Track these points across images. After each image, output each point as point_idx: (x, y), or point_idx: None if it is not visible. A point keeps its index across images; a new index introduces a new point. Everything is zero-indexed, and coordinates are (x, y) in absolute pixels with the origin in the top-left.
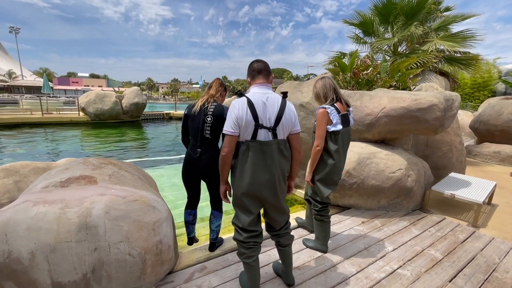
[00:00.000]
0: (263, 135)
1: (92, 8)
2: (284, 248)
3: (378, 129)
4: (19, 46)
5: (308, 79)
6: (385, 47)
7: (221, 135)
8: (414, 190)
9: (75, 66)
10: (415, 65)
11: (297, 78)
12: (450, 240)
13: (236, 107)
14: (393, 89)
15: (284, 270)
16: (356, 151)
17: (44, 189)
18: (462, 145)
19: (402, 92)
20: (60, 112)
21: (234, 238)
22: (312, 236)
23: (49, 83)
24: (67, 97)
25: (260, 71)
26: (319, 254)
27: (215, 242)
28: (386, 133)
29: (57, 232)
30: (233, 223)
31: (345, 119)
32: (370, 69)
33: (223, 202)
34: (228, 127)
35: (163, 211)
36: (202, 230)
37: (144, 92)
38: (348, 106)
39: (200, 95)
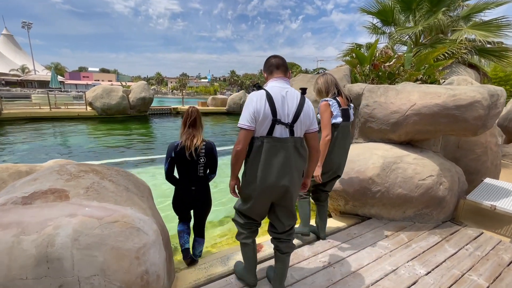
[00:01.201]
0: (279, 131)
1: (103, 2)
2: (282, 255)
3: (405, 129)
4: (32, 41)
5: (318, 73)
6: (406, 37)
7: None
8: (447, 199)
9: (86, 60)
10: (442, 57)
11: (306, 72)
12: (494, 261)
13: (254, 100)
14: (419, 83)
15: (275, 278)
16: (380, 154)
17: (0, 207)
18: (498, 147)
19: (436, 86)
20: (68, 107)
21: (234, 220)
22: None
23: (61, 77)
24: (77, 91)
25: (278, 66)
26: (338, 278)
27: (196, 260)
28: (415, 134)
29: (9, 268)
30: (235, 208)
31: (345, 113)
32: (393, 60)
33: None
34: (244, 121)
35: (150, 233)
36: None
37: (153, 87)
38: (350, 101)
39: (208, 89)
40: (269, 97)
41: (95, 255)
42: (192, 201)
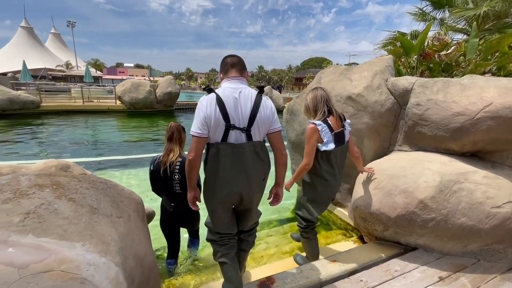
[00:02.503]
0: (235, 137)
1: (140, 1)
2: (241, 251)
3: (473, 138)
4: (78, 39)
5: (351, 65)
6: (462, 23)
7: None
8: None
9: (123, 56)
10: None
11: None
12: None
13: (204, 105)
14: (489, 76)
15: None
16: (436, 169)
17: None
18: None
19: None
20: (100, 101)
21: (207, 239)
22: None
23: (99, 72)
24: (113, 86)
25: (233, 65)
26: None
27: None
28: (487, 144)
29: None
30: (206, 225)
31: (339, 137)
32: (451, 48)
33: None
34: (195, 128)
35: (103, 284)
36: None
37: (182, 82)
38: (343, 119)
39: None
40: (220, 101)
41: None
42: (172, 217)
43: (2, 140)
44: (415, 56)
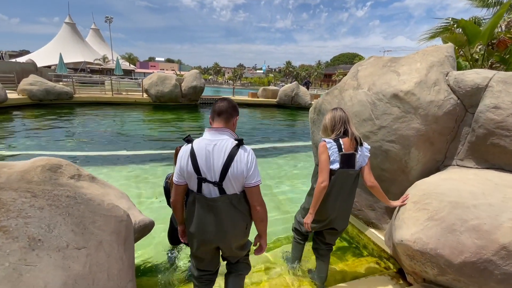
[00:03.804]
0: (208, 190)
1: None
2: (231, 274)
3: None
4: (115, 34)
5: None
6: None
7: None
8: None
9: (155, 51)
10: None
11: None
12: None
13: (180, 156)
14: None
15: None
16: None
17: None
18: None
19: None
20: (128, 93)
21: (189, 271)
22: None
23: (133, 66)
24: (143, 79)
25: (220, 113)
26: None
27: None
28: None
29: None
30: (191, 257)
31: (346, 160)
32: None
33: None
34: (174, 175)
35: None
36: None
37: (210, 77)
38: (359, 143)
39: (262, 80)
40: (192, 154)
41: None
42: (175, 229)
43: (33, 128)
44: (480, 46)
